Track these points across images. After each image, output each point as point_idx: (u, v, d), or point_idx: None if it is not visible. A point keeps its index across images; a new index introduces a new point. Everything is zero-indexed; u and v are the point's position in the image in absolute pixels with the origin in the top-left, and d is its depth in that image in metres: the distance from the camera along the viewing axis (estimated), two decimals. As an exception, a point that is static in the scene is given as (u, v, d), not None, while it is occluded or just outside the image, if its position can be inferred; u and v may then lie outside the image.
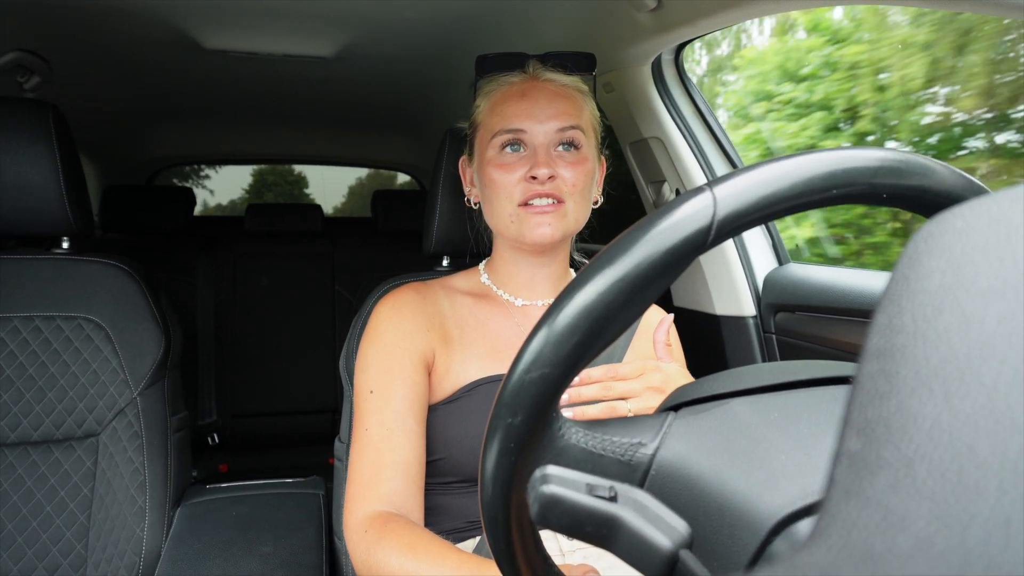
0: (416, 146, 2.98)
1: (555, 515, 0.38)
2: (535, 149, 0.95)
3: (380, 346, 0.97)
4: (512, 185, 0.95)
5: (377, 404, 0.93)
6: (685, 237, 0.37)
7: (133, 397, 1.27)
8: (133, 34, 1.63)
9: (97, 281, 1.29)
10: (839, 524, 0.21)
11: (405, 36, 1.68)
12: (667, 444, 0.42)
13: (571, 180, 0.94)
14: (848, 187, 0.39)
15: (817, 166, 0.39)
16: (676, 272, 0.38)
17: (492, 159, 0.96)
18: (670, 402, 0.46)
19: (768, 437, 0.39)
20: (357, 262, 2.82)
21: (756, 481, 0.37)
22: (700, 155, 1.52)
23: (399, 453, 0.91)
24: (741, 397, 0.43)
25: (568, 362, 0.38)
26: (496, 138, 0.96)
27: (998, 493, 0.17)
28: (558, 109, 0.95)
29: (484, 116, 1.00)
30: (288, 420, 2.71)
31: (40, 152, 1.22)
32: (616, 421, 0.45)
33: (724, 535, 0.37)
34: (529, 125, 0.95)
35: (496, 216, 0.98)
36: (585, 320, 0.37)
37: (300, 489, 1.42)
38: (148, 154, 2.89)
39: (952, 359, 0.21)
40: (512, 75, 1.00)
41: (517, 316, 1.03)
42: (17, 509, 1.23)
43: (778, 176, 0.38)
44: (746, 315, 1.45)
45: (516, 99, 0.96)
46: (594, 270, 0.38)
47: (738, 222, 0.38)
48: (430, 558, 0.77)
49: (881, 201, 0.41)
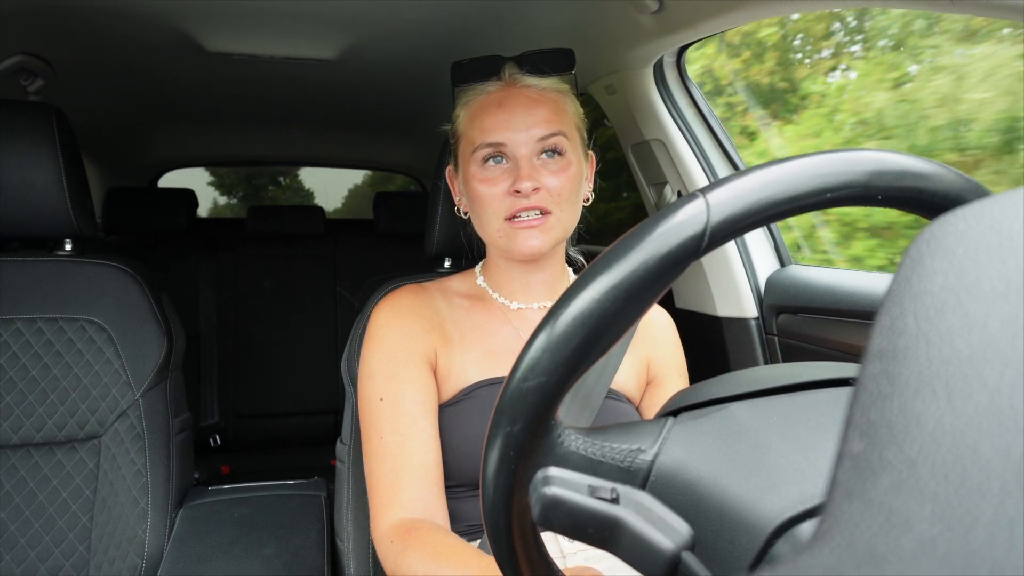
0: (417, 148, 2.99)
1: (557, 517, 0.38)
2: (517, 161, 0.93)
3: (383, 351, 0.97)
4: (498, 200, 0.93)
5: (389, 411, 0.93)
6: (679, 243, 0.37)
7: (135, 399, 1.28)
8: (136, 37, 1.64)
9: (100, 283, 1.30)
10: (842, 525, 0.21)
11: (407, 38, 1.68)
12: (666, 450, 0.42)
13: (556, 189, 0.93)
14: (842, 190, 0.39)
15: (810, 169, 0.39)
16: (670, 279, 0.38)
17: (475, 174, 0.95)
18: (669, 407, 0.46)
19: (767, 441, 0.39)
20: (359, 264, 2.82)
21: (755, 486, 0.37)
22: (702, 157, 1.52)
23: (416, 458, 0.91)
24: (740, 401, 0.43)
25: (566, 369, 0.38)
26: (477, 152, 0.95)
27: (1001, 494, 0.17)
28: (538, 117, 0.93)
29: (464, 127, 0.99)
30: (290, 421, 2.71)
31: (43, 154, 1.22)
32: (616, 427, 0.45)
33: (724, 540, 0.37)
34: (509, 136, 0.93)
35: (485, 230, 0.98)
36: (581, 328, 0.37)
37: (302, 491, 1.42)
38: (151, 156, 2.90)
39: (955, 360, 0.21)
40: (489, 83, 0.97)
41: (514, 319, 1.03)
42: (20, 511, 1.23)
43: (771, 181, 0.38)
44: (748, 317, 1.45)
45: (494, 110, 0.94)
46: (589, 277, 0.38)
47: (731, 228, 0.38)
48: (455, 563, 0.78)
49: (877, 202, 0.41)
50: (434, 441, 0.93)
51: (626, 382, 1.05)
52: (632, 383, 1.06)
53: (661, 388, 1.07)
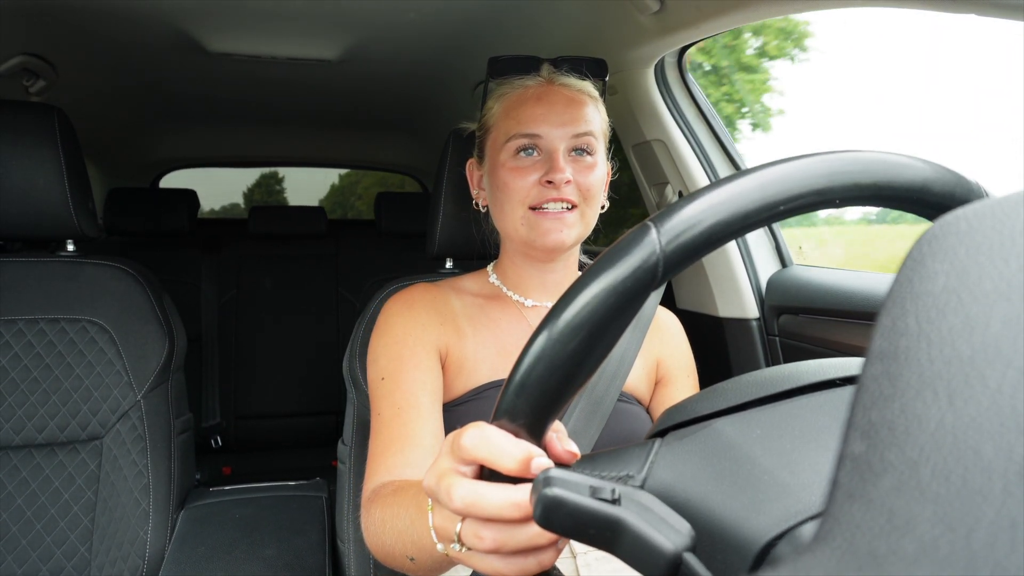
0: (419, 148, 2.99)
1: (558, 518, 0.38)
2: (550, 154, 0.94)
3: (391, 336, 0.96)
4: (525, 189, 0.94)
5: (388, 388, 0.92)
6: (635, 278, 0.38)
7: (137, 400, 1.28)
8: (138, 38, 1.64)
9: (101, 284, 1.30)
10: (843, 527, 0.21)
11: (409, 39, 1.68)
12: (654, 474, 0.42)
13: (585, 185, 0.94)
14: (795, 200, 0.39)
15: (759, 184, 0.39)
16: (630, 313, 0.39)
17: (505, 162, 0.96)
18: (657, 428, 0.46)
19: (751, 456, 0.39)
20: (360, 264, 2.82)
21: (741, 505, 0.37)
22: (703, 157, 1.52)
23: (408, 428, 0.88)
24: (724, 416, 0.43)
25: (541, 411, 0.40)
26: (511, 142, 0.96)
27: (1003, 496, 0.17)
28: (574, 114, 0.95)
29: (497, 119, 1.00)
30: (292, 422, 2.71)
31: (45, 155, 1.22)
32: (603, 453, 0.45)
33: (717, 560, 0.37)
34: (546, 130, 0.94)
35: (506, 219, 0.98)
36: (553, 369, 0.39)
37: (304, 492, 1.43)
38: (152, 157, 2.90)
39: (956, 361, 0.21)
40: (527, 78, 0.99)
41: (529, 316, 1.03)
42: (21, 512, 1.23)
43: (718, 203, 0.38)
44: (749, 317, 1.45)
45: (532, 103, 0.96)
46: (550, 319, 0.40)
47: (684, 255, 0.38)
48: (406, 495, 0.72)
49: (836, 205, 0.40)
50: (432, 416, 0.91)
51: (636, 383, 1.04)
52: (643, 384, 1.05)
53: (670, 388, 1.07)
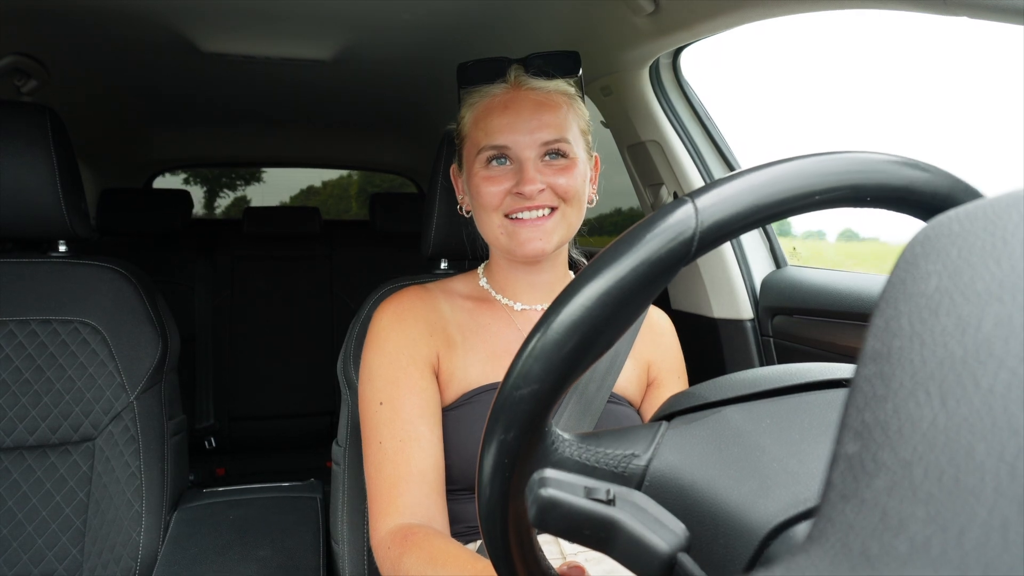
0: (413, 148, 2.99)
1: (553, 518, 0.38)
2: (521, 164, 0.93)
3: (384, 355, 0.96)
4: (499, 198, 0.94)
5: (388, 416, 0.93)
6: (668, 249, 0.37)
7: (130, 401, 1.27)
8: (130, 38, 1.63)
9: (94, 285, 1.29)
10: (836, 527, 0.21)
11: (402, 39, 1.68)
12: (660, 455, 0.42)
13: (563, 187, 0.93)
14: (830, 192, 0.39)
15: (799, 172, 0.39)
16: (659, 285, 0.38)
17: (478, 172, 0.95)
18: (663, 411, 0.46)
19: (760, 444, 0.39)
20: (355, 264, 2.82)
21: (749, 490, 0.37)
22: (697, 158, 1.52)
23: (415, 463, 0.90)
24: (734, 404, 0.43)
25: (558, 377, 0.38)
26: (481, 153, 0.95)
27: (995, 496, 0.17)
28: (542, 121, 0.93)
29: (469, 128, 0.99)
30: (285, 424, 2.70)
31: (37, 156, 1.21)
32: (609, 432, 0.45)
33: (719, 544, 0.37)
34: (513, 139, 0.93)
35: (486, 227, 0.98)
36: (573, 335, 0.37)
37: (297, 493, 1.42)
38: (145, 157, 2.89)
39: (949, 362, 0.21)
40: (494, 86, 0.97)
41: (518, 321, 1.03)
42: (12, 514, 1.22)
43: (759, 184, 0.38)
44: (744, 318, 1.45)
45: (499, 112, 0.94)
46: (579, 284, 0.38)
47: (720, 232, 0.38)
48: (451, 566, 0.77)
49: (866, 204, 0.40)
50: (434, 446, 0.93)
51: (627, 385, 1.04)
52: (633, 386, 1.05)
53: (661, 390, 1.07)
